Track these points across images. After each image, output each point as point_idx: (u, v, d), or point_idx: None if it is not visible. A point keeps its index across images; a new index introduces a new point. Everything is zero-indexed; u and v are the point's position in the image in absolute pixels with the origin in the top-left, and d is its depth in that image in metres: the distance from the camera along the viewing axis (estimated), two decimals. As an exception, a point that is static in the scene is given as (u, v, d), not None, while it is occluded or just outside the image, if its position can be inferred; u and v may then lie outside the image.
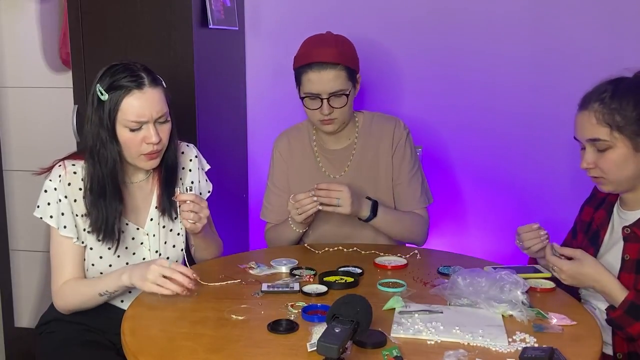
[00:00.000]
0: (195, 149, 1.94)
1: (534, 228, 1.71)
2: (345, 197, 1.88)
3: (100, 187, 1.71)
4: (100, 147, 1.70)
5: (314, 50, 1.98)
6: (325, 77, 1.95)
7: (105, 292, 1.70)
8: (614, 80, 1.64)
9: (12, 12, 2.70)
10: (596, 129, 1.60)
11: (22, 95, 2.75)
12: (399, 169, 2.10)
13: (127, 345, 1.36)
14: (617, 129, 1.58)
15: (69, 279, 1.74)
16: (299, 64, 2.02)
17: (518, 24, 2.46)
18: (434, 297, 1.57)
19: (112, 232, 1.73)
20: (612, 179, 1.63)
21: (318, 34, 2.06)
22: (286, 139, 2.17)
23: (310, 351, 1.28)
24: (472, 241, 2.62)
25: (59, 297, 1.75)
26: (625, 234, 1.66)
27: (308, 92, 1.99)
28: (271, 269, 1.79)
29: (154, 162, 1.74)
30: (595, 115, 1.60)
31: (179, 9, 2.24)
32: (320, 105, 1.98)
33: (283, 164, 2.15)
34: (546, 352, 1.22)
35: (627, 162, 1.60)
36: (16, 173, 2.79)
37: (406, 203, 2.10)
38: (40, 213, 1.74)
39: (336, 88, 1.96)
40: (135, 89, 1.66)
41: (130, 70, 1.68)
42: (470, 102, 2.56)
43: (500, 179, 2.59)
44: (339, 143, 2.13)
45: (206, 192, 1.95)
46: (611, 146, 1.59)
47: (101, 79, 1.69)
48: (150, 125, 1.68)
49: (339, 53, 1.97)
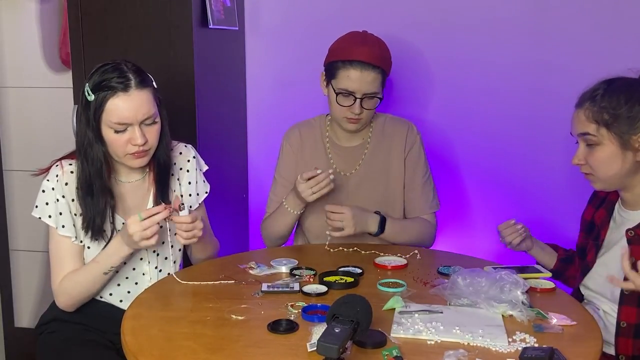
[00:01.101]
0: (193, 150, 1.94)
1: (511, 224, 1.88)
2: (347, 219, 1.90)
3: (87, 185, 1.72)
4: (87, 147, 1.70)
5: (357, 48, 1.95)
6: (365, 78, 1.94)
7: (110, 268, 1.72)
8: (609, 79, 1.66)
9: (12, 12, 2.70)
10: (585, 125, 1.64)
11: (22, 95, 2.75)
12: (413, 174, 2.10)
13: (127, 345, 1.36)
14: (605, 126, 1.60)
15: (67, 274, 1.74)
16: (338, 58, 1.98)
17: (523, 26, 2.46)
18: (434, 297, 1.57)
19: (101, 231, 1.74)
20: (601, 176, 1.65)
21: (356, 32, 2.04)
22: (298, 132, 2.16)
23: (310, 351, 1.28)
24: (474, 241, 2.62)
25: (61, 294, 1.75)
26: (629, 237, 1.66)
27: (344, 89, 1.97)
28: (271, 269, 1.79)
29: (141, 160, 1.74)
30: (585, 112, 1.63)
31: (179, 9, 2.23)
32: (352, 104, 1.97)
33: (292, 156, 2.14)
34: (546, 352, 1.22)
35: (614, 159, 1.61)
36: (16, 173, 2.79)
37: (417, 209, 2.11)
38: (39, 213, 1.75)
39: (372, 90, 1.96)
40: (120, 91, 1.65)
41: (119, 71, 1.67)
42: (471, 102, 2.55)
43: (502, 179, 2.58)
44: (353, 141, 2.12)
45: (203, 193, 1.95)
46: (599, 143, 1.62)
47: (90, 78, 1.69)
48: (135, 127, 1.68)
49: (381, 56, 1.97)
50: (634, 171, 1.63)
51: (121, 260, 1.72)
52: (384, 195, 2.07)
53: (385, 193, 2.08)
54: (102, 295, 1.83)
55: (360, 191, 2.09)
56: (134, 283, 1.83)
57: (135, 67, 1.71)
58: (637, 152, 1.60)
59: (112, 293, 1.83)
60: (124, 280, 1.82)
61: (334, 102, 2.00)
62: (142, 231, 1.62)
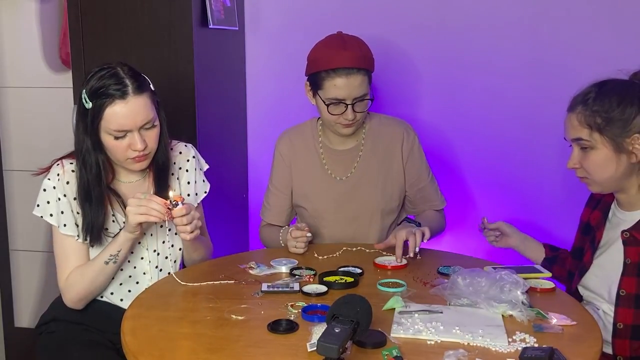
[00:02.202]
0: (193, 149, 1.94)
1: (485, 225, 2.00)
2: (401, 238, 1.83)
3: (85, 192, 1.72)
4: (85, 153, 1.70)
5: (338, 54, 1.90)
6: (352, 83, 1.91)
7: (110, 257, 1.70)
8: (601, 82, 1.65)
9: (12, 12, 2.70)
10: (578, 130, 1.63)
11: (22, 95, 2.76)
12: (418, 174, 2.09)
13: (127, 345, 1.36)
14: (598, 131, 1.59)
15: (72, 270, 1.75)
16: (320, 68, 1.93)
17: (522, 26, 2.46)
18: (434, 297, 1.57)
19: (99, 236, 1.74)
20: (596, 179, 1.65)
21: (332, 36, 2.00)
22: (288, 140, 2.13)
23: (310, 351, 1.28)
24: (473, 241, 2.62)
25: (68, 290, 1.75)
26: (625, 238, 1.66)
27: (333, 98, 1.93)
28: (271, 269, 1.79)
29: (142, 164, 1.74)
30: (578, 117, 1.63)
31: (179, 8, 2.24)
32: (344, 111, 1.94)
33: (284, 165, 2.12)
34: (546, 352, 1.22)
35: (608, 163, 1.61)
36: (16, 173, 2.80)
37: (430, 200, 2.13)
38: (40, 212, 1.75)
39: (361, 93, 1.93)
40: (118, 99, 1.64)
41: (115, 77, 1.66)
42: (468, 102, 2.55)
43: (500, 179, 2.59)
44: (346, 144, 2.10)
45: (202, 192, 1.94)
46: (593, 147, 1.61)
47: (87, 84, 1.68)
48: (135, 133, 1.67)
49: (362, 57, 1.93)
50: (628, 173, 1.63)
51: (119, 247, 1.70)
52: (381, 198, 2.06)
53: (382, 195, 2.06)
54: (102, 295, 1.83)
55: (356, 195, 2.07)
56: (135, 282, 1.83)
57: (132, 72, 1.70)
58: (631, 155, 1.60)
59: (114, 292, 1.83)
60: (126, 279, 1.82)
61: (325, 112, 1.97)
62: (140, 207, 1.62)
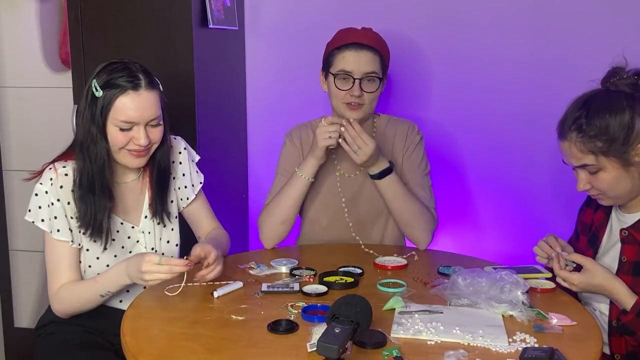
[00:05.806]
0: (183, 142, 1.93)
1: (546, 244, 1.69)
2: (366, 152, 1.85)
3: (89, 183, 1.70)
4: (91, 144, 1.69)
5: (350, 33, 1.99)
6: (362, 57, 1.94)
7: (107, 292, 1.70)
8: (584, 102, 1.61)
9: (12, 12, 2.70)
10: (582, 157, 1.60)
11: (22, 95, 2.75)
12: (410, 171, 2.07)
13: (127, 346, 1.36)
14: (602, 154, 1.57)
15: (65, 283, 1.73)
16: (333, 46, 1.99)
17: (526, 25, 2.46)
18: (434, 297, 1.57)
19: (101, 228, 1.72)
20: (612, 195, 1.63)
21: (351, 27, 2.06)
22: (300, 133, 2.14)
23: (310, 351, 1.27)
24: (474, 241, 2.62)
25: (57, 302, 1.74)
26: (623, 236, 1.66)
27: (341, 70, 1.95)
28: (271, 269, 1.79)
29: (140, 160, 1.73)
30: (577, 145, 1.59)
31: (179, 9, 2.23)
32: (351, 87, 1.94)
33: (296, 152, 2.11)
34: (546, 353, 1.22)
35: (621, 179, 1.59)
36: (16, 173, 2.79)
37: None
38: (32, 217, 1.72)
39: (370, 69, 1.94)
40: (130, 90, 1.65)
41: (128, 70, 1.67)
42: (474, 102, 2.55)
43: (503, 179, 2.58)
44: None
45: (198, 184, 1.94)
46: (601, 168, 1.59)
47: (98, 75, 1.68)
48: (140, 127, 1.67)
49: (376, 39, 1.99)
50: None
51: (119, 287, 1.69)
52: None
53: None
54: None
55: (364, 192, 2.07)
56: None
57: (143, 68, 1.71)
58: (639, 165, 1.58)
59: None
60: None
61: (333, 89, 1.98)
62: (156, 273, 1.57)
